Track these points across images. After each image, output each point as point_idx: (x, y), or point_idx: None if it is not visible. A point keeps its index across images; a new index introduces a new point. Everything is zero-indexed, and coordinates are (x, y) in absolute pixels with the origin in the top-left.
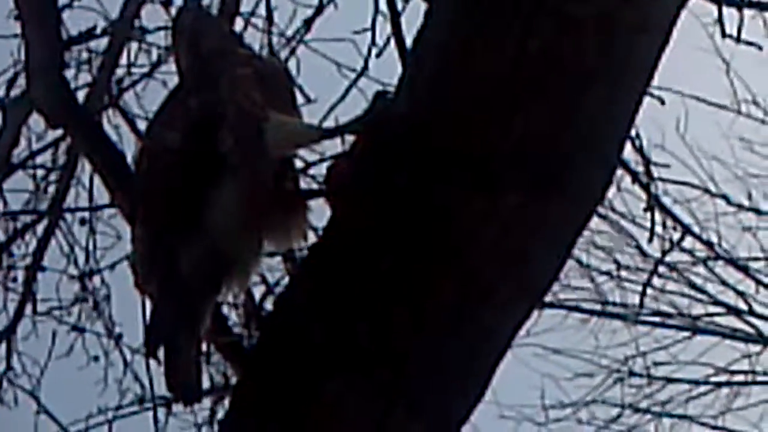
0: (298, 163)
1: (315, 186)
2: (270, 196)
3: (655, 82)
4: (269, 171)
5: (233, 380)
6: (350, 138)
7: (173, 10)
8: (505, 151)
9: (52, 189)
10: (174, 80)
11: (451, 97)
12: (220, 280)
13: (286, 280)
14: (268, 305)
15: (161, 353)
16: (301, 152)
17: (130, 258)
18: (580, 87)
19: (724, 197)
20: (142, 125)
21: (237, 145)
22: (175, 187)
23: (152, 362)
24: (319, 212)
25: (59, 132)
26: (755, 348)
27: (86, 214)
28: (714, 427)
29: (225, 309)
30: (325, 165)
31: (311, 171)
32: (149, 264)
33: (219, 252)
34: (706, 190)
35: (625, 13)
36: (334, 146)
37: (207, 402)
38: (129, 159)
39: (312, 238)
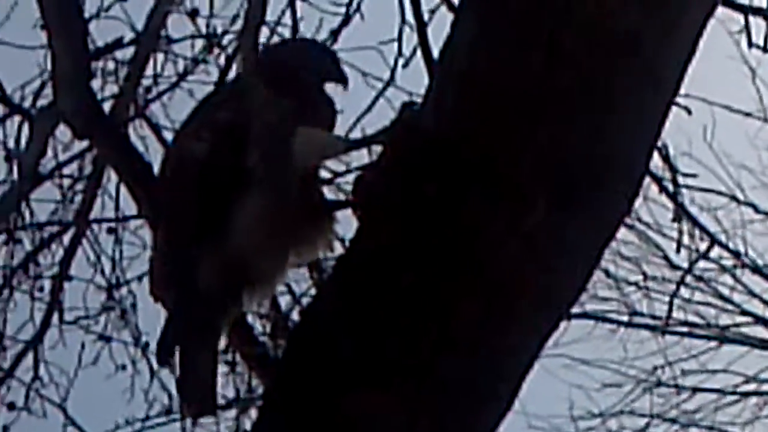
0: (325, 174)
1: (342, 197)
2: (295, 208)
3: (682, 90)
4: (295, 183)
5: (258, 390)
6: (377, 149)
7: (199, 20)
8: (530, 163)
9: (78, 199)
10: (201, 90)
11: (477, 108)
12: (239, 292)
13: (313, 290)
14: (295, 315)
15: (176, 362)
16: (329, 163)
17: (148, 263)
18: (605, 100)
19: (752, 205)
20: (168, 135)
21: (262, 160)
22: (199, 197)
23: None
24: (347, 223)
25: (86, 142)
26: None
27: (113, 223)
28: None
29: (251, 319)
30: (352, 176)
31: (338, 181)
32: (167, 272)
33: (239, 264)
34: (734, 198)
35: (649, 26)
36: (361, 157)
37: (232, 412)
38: (155, 170)
39: (339, 249)
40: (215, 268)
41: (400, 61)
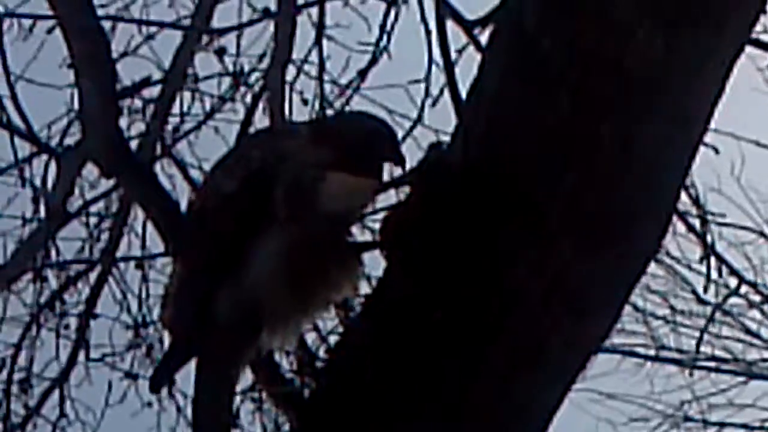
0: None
1: (370, 236)
2: (319, 250)
3: (711, 124)
4: (321, 228)
5: (286, 429)
6: (406, 188)
7: (226, 59)
8: (559, 202)
9: (105, 237)
10: (228, 128)
11: (505, 147)
12: (257, 329)
13: (340, 328)
14: (322, 353)
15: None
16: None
17: (164, 291)
18: (632, 140)
19: None
20: (195, 174)
21: (286, 200)
22: (221, 232)
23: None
24: (375, 261)
25: (113, 180)
26: None
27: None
28: None
29: (277, 357)
30: (380, 215)
31: (367, 221)
32: (184, 302)
33: (256, 301)
34: (762, 234)
35: (676, 68)
36: (388, 197)
37: None
38: (183, 206)
39: (367, 287)
40: (232, 304)
41: (428, 101)
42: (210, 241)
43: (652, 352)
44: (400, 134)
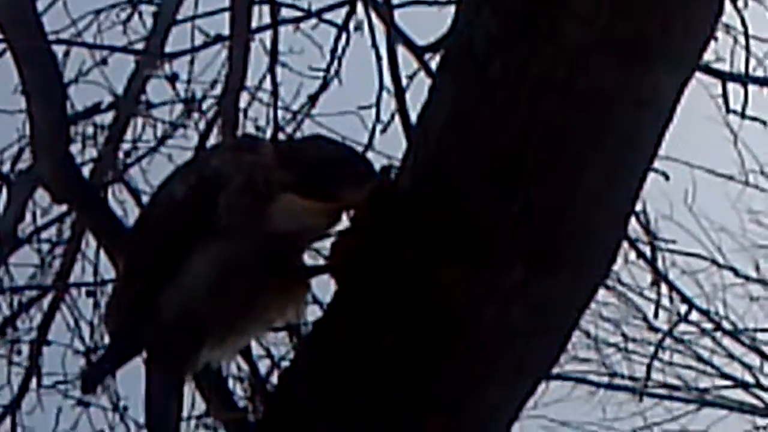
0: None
1: (320, 261)
2: (258, 271)
3: (663, 152)
4: (262, 246)
5: None
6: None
7: (179, 85)
8: (507, 226)
9: (57, 263)
10: (180, 155)
11: (454, 172)
12: (198, 333)
13: (292, 354)
14: (274, 379)
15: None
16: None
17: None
18: (583, 164)
19: (732, 269)
20: (147, 200)
21: (228, 212)
22: (166, 234)
23: None
24: (325, 286)
25: (64, 206)
26: (762, 421)
27: (92, 287)
28: None
29: (230, 384)
30: (330, 239)
31: (316, 245)
32: (122, 300)
33: (192, 307)
34: (714, 262)
35: (626, 90)
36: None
37: None
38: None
39: (317, 312)
40: (174, 306)
41: (379, 126)
42: (154, 242)
43: (604, 380)
44: None
